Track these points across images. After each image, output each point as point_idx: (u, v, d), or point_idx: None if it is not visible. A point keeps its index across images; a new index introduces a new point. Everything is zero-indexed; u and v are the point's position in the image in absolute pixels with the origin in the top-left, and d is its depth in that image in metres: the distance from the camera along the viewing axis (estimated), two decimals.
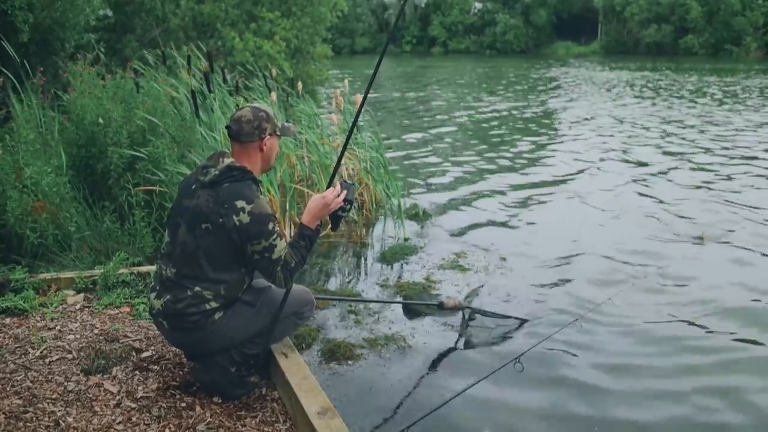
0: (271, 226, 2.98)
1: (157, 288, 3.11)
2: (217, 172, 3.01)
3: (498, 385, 3.53)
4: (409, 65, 41.44)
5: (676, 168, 9.49)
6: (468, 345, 4.12)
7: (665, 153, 10.69)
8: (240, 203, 2.95)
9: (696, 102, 18.04)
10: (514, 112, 16.85)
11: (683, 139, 12.05)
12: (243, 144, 3.10)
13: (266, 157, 3.18)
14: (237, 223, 2.94)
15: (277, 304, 3.20)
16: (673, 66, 34.18)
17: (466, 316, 4.35)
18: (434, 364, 3.85)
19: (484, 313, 4.37)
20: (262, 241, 2.96)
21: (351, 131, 3.42)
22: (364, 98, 3.44)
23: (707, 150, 10.89)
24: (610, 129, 13.45)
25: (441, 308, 4.26)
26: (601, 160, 10.25)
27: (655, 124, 13.91)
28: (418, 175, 9.22)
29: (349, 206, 3.21)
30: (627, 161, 10.11)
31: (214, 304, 3.00)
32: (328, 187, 3.21)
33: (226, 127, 3.17)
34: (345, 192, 3.17)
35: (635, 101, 18.60)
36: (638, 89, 22.25)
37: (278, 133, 3.19)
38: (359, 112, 3.34)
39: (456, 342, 4.14)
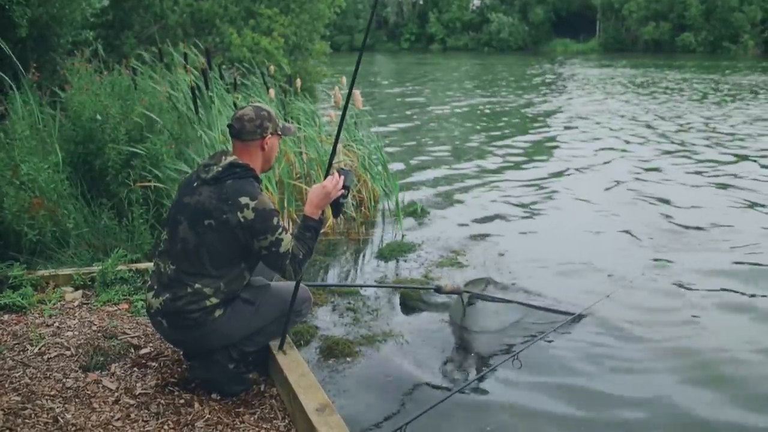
0: (275, 221, 3.00)
1: (155, 287, 3.11)
2: (219, 169, 3.03)
3: (496, 381, 3.55)
4: (400, 63, 41.41)
5: (674, 165, 9.50)
6: (467, 341, 4.12)
7: (661, 150, 10.70)
8: (244, 199, 2.96)
9: (699, 101, 18.05)
10: (509, 108, 16.85)
11: (681, 136, 12.06)
12: (245, 142, 3.12)
13: (267, 157, 3.20)
14: (242, 219, 2.95)
15: (276, 301, 3.22)
16: (671, 64, 34.23)
17: (465, 301, 4.34)
18: (432, 361, 3.85)
19: (484, 298, 4.36)
20: (268, 236, 2.98)
21: (342, 120, 3.41)
22: (350, 92, 3.45)
23: (704, 146, 10.92)
24: (606, 126, 13.45)
25: (438, 292, 4.26)
26: (599, 157, 10.26)
27: (649, 121, 13.92)
28: (415, 171, 9.22)
29: (347, 192, 3.22)
30: (624, 158, 10.11)
31: (214, 300, 3.01)
32: (326, 177, 3.22)
33: (228, 126, 3.18)
34: (343, 178, 3.18)
35: (630, 98, 18.61)
36: (631, 86, 22.35)
37: (279, 132, 3.21)
38: (347, 103, 3.36)
39: (454, 339, 4.14)
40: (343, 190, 3.18)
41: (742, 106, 16.54)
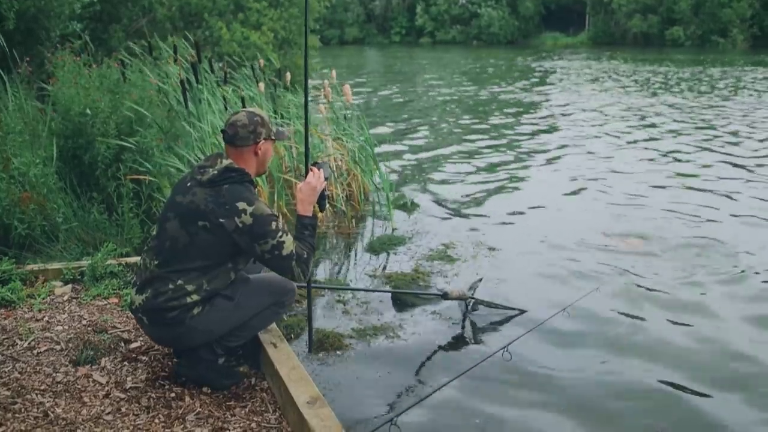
0: (274, 225, 3.01)
1: (138, 283, 3.11)
2: (215, 172, 3.03)
3: (486, 374, 3.56)
4: (382, 57, 41.47)
5: (662, 159, 9.56)
6: (456, 334, 4.14)
7: (650, 144, 10.77)
8: (241, 205, 2.97)
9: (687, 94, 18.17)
10: (496, 102, 16.86)
11: (673, 132, 12.14)
12: (238, 148, 3.13)
13: (261, 161, 3.22)
14: (240, 225, 2.96)
15: (256, 295, 3.21)
16: (638, 57, 34.57)
17: (469, 307, 4.38)
18: (422, 354, 3.87)
19: (488, 304, 4.40)
20: (269, 240, 2.99)
21: (306, 115, 3.64)
22: (306, 86, 3.69)
23: (691, 144, 11.00)
24: (595, 119, 13.50)
25: (445, 298, 4.28)
26: (588, 150, 10.31)
27: (635, 115, 14.00)
28: (405, 165, 9.23)
29: (326, 182, 3.35)
30: (612, 150, 10.17)
31: (195, 297, 3.00)
32: (306, 173, 3.32)
33: (222, 131, 3.20)
34: (322, 171, 3.30)
35: (618, 91, 18.69)
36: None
37: (273, 137, 3.23)
38: (306, 96, 3.59)
39: (444, 332, 4.16)
40: (324, 182, 3.30)
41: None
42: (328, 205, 6.25)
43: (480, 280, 4.61)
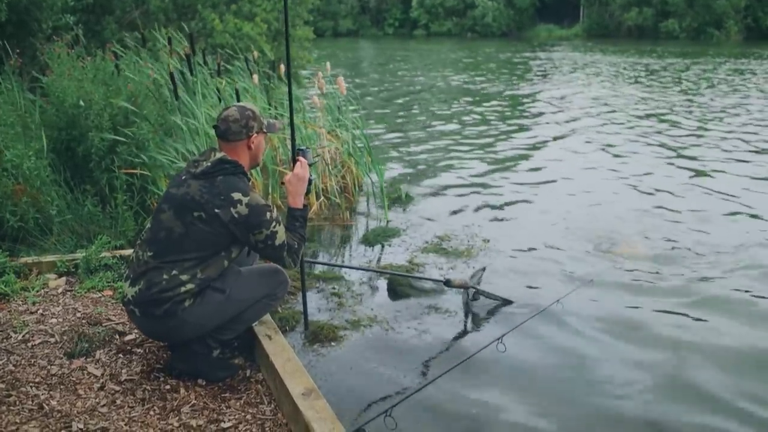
0: (269, 215, 3.06)
1: (131, 276, 3.11)
2: (209, 164, 3.07)
3: (481, 365, 3.57)
4: (376, 49, 41.38)
5: (658, 156, 9.58)
6: (451, 326, 4.15)
7: (645, 139, 10.78)
8: (236, 195, 3.01)
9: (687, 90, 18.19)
10: (492, 95, 16.86)
11: (673, 128, 12.15)
12: (231, 142, 3.16)
13: (254, 155, 3.26)
14: (235, 215, 3.00)
15: (248, 288, 3.23)
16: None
17: (470, 296, 4.40)
18: (417, 345, 3.87)
19: (488, 295, 4.42)
20: (263, 230, 3.04)
21: (290, 98, 3.79)
22: (289, 81, 3.86)
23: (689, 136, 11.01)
24: (589, 112, 13.52)
25: (447, 285, 4.33)
26: (581, 143, 10.33)
27: (627, 109, 14.02)
28: (399, 157, 9.23)
29: (311, 167, 3.45)
30: (606, 144, 10.18)
31: (190, 286, 3.01)
32: (293, 164, 3.40)
33: (214, 127, 3.24)
34: (306, 159, 3.40)
35: (614, 84, 18.71)
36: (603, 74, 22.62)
37: (264, 130, 3.27)
38: (290, 90, 3.80)
39: (439, 323, 4.17)
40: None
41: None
42: (323, 197, 6.27)
43: (483, 269, 4.63)
